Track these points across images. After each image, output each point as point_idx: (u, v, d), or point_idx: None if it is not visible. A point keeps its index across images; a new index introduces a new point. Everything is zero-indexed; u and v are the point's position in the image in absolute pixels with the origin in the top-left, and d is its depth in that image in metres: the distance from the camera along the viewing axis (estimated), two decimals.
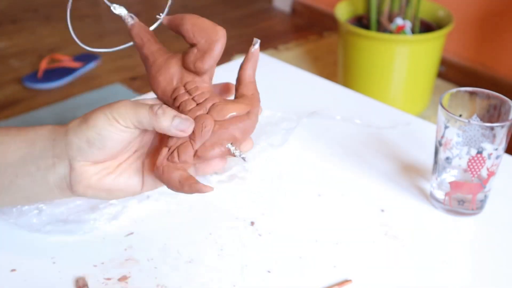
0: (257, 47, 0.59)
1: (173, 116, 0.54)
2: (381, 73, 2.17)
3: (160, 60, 0.59)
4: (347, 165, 0.82)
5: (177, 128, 0.54)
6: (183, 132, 0.54)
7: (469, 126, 0.68)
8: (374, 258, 0.67)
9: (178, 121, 0.54)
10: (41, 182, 0.57)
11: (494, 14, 2.34)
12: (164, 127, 0.54)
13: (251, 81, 0.59)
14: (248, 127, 0.57)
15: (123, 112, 0.54)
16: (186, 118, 0.54)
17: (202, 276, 0.63)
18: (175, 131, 0.54)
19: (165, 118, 0.54)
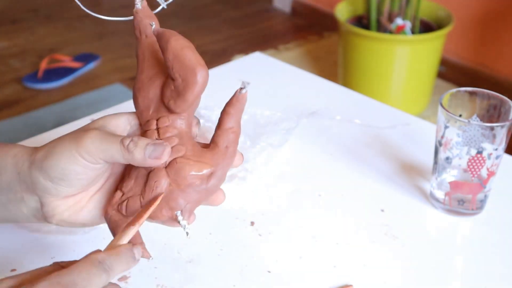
0: (243, 92, 0.51)
1: (145, 145, 0.50)
2: (381, 73, 2.17)
3: (145, 74, 0.54)
4: (347, 165, 0.82)
5: (151, 157, 0.49)
6: (158, 160, 0.49)
7: (469, 126, 0.68)
8: (374, 258, 0.67)
9: (151, 149, 0.49)
10: (16, 211, 0.54)
11: (494, 14, 2.34)
12: (139, 160, 0.50)
13: (231, 129, 0.52)
14: (206, 194, 0.51)
15: (90, 148, 0.50)
16: (159, 144, 0.50)
17: (202, 276, 0.63)
18: (151, 162, 0.49)
19: (138, 151, 0.49)
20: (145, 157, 0.49)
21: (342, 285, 0.63)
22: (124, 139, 0.50)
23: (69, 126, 0.87)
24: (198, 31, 2.94)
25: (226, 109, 0.52)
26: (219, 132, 0.52)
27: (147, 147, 0.49)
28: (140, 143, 0.50)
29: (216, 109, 0.83)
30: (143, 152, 0.49)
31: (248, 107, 0.87)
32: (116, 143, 0.50)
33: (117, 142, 0.50)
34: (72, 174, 0.50)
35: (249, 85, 0.51)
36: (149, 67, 0.54)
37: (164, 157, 0.50)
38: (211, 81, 1.03)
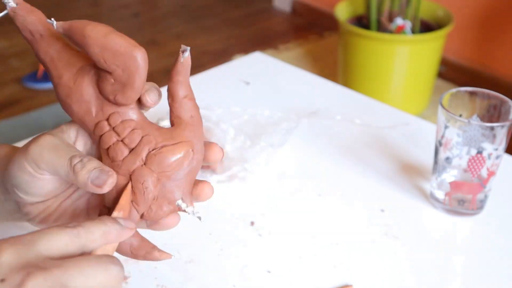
0: (187, 55, 0.47)
1: (92, 169, 0.45)
2: (381, 73, 2.17)
3: (66, 77, 0.47)
4: (347, 165, 0.82)
5: (93, 183, 0.45)
6: (99, 189, 0.45)
7: (469, 126, 0.68)
8: (374, 258, 0.67)
9: (95, 175, 0.45)
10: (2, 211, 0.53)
11: (494, 14, 2.34)
12: (81, 184, 0.45)
13: (187, 97, 0.48)
14: (195, 170, 0.48)
15: (36, 157, 0.46)
16: (105, 172, 0.45)
17: (202, 276, 0.63)
18: (92, 188, 0.45)
19: (83, 174, 0.45)
20: (87, 181, 0.45)
21: (342, 285, 0.63)
22: (74, 158, 0.46)
23: None
24: (198, 31, 2.94)
25: (174, 78, 0.48)
26: (177, 105, 0.48)
27: (92, 172, 0.45)
28: (88, 165, 0.45)
29: (216, 109, 0.83)
30: (87, 176, 0.45)
31: (248, 107, 0.88)
32: (64, 159, 0.46)
33: (66, 158, 0.46)
34: (23, 184, 0.47)
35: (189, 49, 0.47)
36: (66, 67, 0.48)
37: (106, 188, 0.45)
38: (211, 81, 1.03)
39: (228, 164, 0.78)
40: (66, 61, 0.48)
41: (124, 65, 0.45)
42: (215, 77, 1.04)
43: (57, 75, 0.48)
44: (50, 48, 0.48)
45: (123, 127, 0.47)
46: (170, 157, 0.47)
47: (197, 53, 2.71)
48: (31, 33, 0.47)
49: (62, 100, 0.48)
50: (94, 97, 0.47)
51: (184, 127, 0.48)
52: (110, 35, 0.44)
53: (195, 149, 0.48)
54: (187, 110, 0.48)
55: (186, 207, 0.48)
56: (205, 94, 0.97)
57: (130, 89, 0.46)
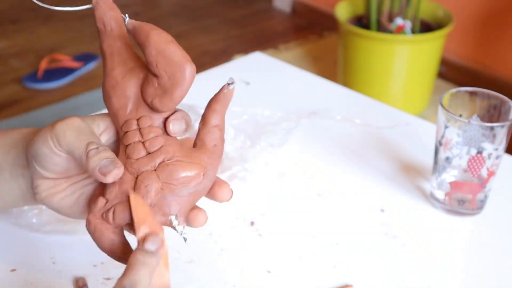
0: (231, 88, 0.49)
1: (103, 158, 0.47)
2: (381, 73, 2.17)
3: (117, 71, 0.50)
4: (347, 165, 0.82)
5: (100, 171, 0.47)
6: (103, 177, 0.47)
7: (469, 126, 0.68)
8: (374, 258, 0.67)
9: (103, 164, 0.47)
10: (16, 188, 0.55)
11: (494, 14, 2.34)
12: (89, 169, 0.47)
13: (217, 126, 0.50)
14: (198, 195, 0.49)
15: (59, 134, 0.49)
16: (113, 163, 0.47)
17: (202, 276, 0.63)
18: (98, 175, 0.47)
19: (93, 160, 0.47)
20: (95, 167, 0.47)
21: (342, 285, 0.63)
22: (91, 143, 0.48)
23: None
24: (198, 31, 2.94)
25: (212, 106, 0.49)
26: (205, 130, 0.50)
27: (103, 160, 0.47)
28: (101, 153, 0.48)
29: None
30: (97, 163, 0.47)
31: (248, 107, 0.88)
32: (83, 142, 0.48)
33: (84, 142, 0.48)
34: (41, 156, 0.50)
35: (235, 83, 0.49)
36: (121, 63, 0.50)
37: (109, 178, 0.47)
38: (211, 81, 1.03)
39: (228, 164, 0.78)
40: (123, 58, 0.50)
41: (172, 73, 0.47)
42: (215, 77, 1.03)
43: (110, 66, 0.50)
44: (114, 42, 0.51)
45: (149, 130, 0.49)
46: (180, 171, 0.48)
47: (197, 53, 2.71)
48: (103, 25, 0.51)
49: (106, 90, 0.50)
50: (135, 96, 0.50)
51: (204, 152, 0.49)
52: (171, 44, 0.47)
53: (206, 175, 0.49)
54: (213, 138, 0.50)
55: (177, 225, 0.48)
56: (205, 94, 0.96)
57: (169, 97, 0.48)
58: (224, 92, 0.49)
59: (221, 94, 0.49)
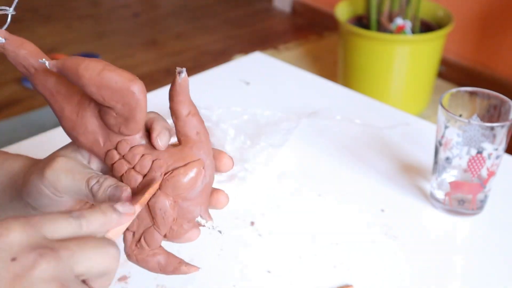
0: (183, 76, 0.47)
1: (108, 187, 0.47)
2: (381, 73, 2.17)
3: (68, 110, 0.47)
4: (347, 165, 0.82)
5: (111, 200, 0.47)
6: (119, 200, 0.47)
7: (469, 126, 0.68)
8: (374, 258, 0.67)
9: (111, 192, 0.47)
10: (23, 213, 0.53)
11: (494, 14, 2.34)
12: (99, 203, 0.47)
13: (190, 113, 0.48)
14: (209, 185, 0.49)
15: (53, 182, 0.47)
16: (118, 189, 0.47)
17: (202, 276, 0.63)
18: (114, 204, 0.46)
19: (100, 193, 0.47)
20: (105, 200, 0.47)
21: (342, 285, 0.63)
22: (91, 179, 0.47)
23: None
24: (198, 31, 2.94)
25: (175, 99, 0.47)
26: (181, 124, 0.48)
27: (108, 190, 0.47)
28: (104, 185, 0.47)
29: (216, 109, 0.83)
30: (104, 195, 0.47)
31: (248, 107, 0.88)
32: (82, 182, 0.47)
33: (83, 181, 0.47)
34: (43, 206, 0.49)
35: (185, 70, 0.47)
36: (66, 100, 0.47)
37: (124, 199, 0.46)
38: (211, 81, 1.03)
39: None
40: (65, 93, 0.47)
41: (123, 100, 0.45)
42: (215, 77, 1.04)
43: (58, 109, 0.48)
44: (46, 81, 0.47)
45: (132, 154, 0.48)
46: (182, 179, 0.47)
47: (197, 53, 2.71)
48: (25, 68, 0.47)
49: (68, 132, 0.48)
50: (99, 127, 0.48)
51: (192, 145, 0.48)
52: (104, 72, 0.44)
53: (205, 166, 0.49)
54: (192, 127, 0.48)
55: (206, 223, 0.49)
56: (205, 94, 0.97)
57: (133, 122, 0.46)
58: (178, 83, 0.47)
59: (176, 85, 0.47)
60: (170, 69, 2.48)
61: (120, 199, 0.46)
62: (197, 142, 0.48)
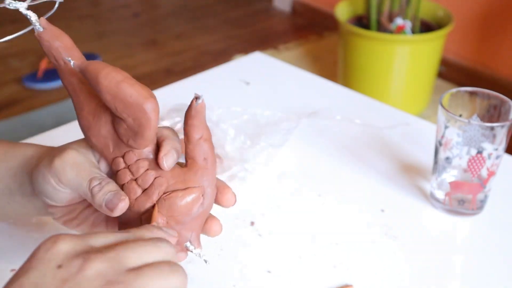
0: (200, 102, 0.48)
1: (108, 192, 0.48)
2: (381, 73, 2.17)
3: (86, 111, 0.48)
4: (347, 165, 0.82)
5: (107, 206, 0.48)
6: (111, 212, 0.48)
7: (469, 126, 0.68)
8: (374, 258, 0.67)
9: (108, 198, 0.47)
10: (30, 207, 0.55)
11: (494, 14, 2.34)
12: (96, 205, 0.48)
13: (202, 138, 0.48)
14: (205, 214, 0.50)
15: (59, 173, 0.48)
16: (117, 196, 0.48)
17: (202, 276, 0.63)
18: (105, 210, 0.48)
19: (99, 196, 0.48)
20: (102, 204, 0.48)
21: (342, 285, 0.63)
22: (93, 180, 0.48)
23: (69, 126, 0.87)
24: (198, 31, 2.94)
25: (189, 122, 0.48)
26: (191, 147, 0.48)
27: (107, 194, 0.48)
28: (104, 188, 0.48)
29: (216, 109, 0.83)
30: (102, 198, 0.48)
31: (248, 107, 0.88)
32: (85, 179, 0.48)
33: (86, 179, 0.48)
34: (45, 192, 0.50)
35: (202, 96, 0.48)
36: (86, 101, 0.48)
37: (116, 212, 0.47)
38: (211, 81, 1.03)
39: (228, 164, 0.78)
40: (86, 94, 0.48)
41: (134, 115, 0.45)
42: (215, 77, 1.04)
43: (79, 106, 0.48)
44: (72, 77, 0.48)
45: (137, 166, 0.48)
46: (179, 202, 0.48)
47: (197, 53, 2.71)
48: (55, 59, 0.48)
49: (84, 131, 0.49)
50: (111, 133, 0.48)
51: (196, 170, 0.49)
52: (122, 84, 0.45)
53: (205, 194, 0.49)
54: (201, 152, 0.48)
55: (194, 249, 0.49)
56: (205, 94, 0.96)
57: (141, 138, 0.47)
58: (195, 107, 0.48)
59: (192, 110, 0.48)
60: (170, 69, 2.48)
61: (116, 208, 0.47)
62: (202, 169, 0.49)
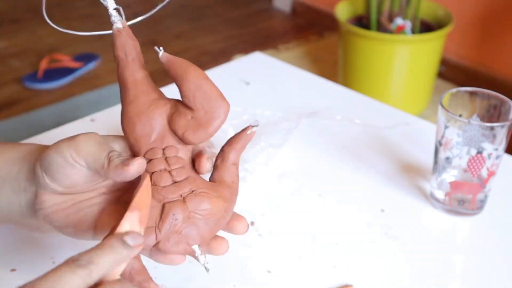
0: (254, 130, 0.52)
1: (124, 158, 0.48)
2: (381, 73, 2.17)
3: (142, 100, 0.51)
4: (347, 165, 0.82)
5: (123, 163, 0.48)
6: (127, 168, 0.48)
7: (469, 126, 0.68)
8: (374, 258, 0.67)
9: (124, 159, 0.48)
10: (16, 203, 0.54)
11: (494, 14, 2.34)
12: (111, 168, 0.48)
13: (235, 164, 0.52)
14: (219, 227, 0.51)
15: (80, 146, 0.49)
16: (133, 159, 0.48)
17: (202, 276, 0.63)
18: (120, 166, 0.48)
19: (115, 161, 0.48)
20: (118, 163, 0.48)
21: (342, 285, 0.63)
22: (113, 151, 0.49)
23: (69, 126, 0.87)
24: (198, 31, 2.94)
25: (234, 145, 0.51)
26: (225, 168, 0.51)
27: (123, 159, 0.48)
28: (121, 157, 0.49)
29: None
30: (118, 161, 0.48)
31: (248, 107, 0.88)
32: (105, 152, 0.49)
33: (105, 152, 0.49)
34: (54, 166, 0.50)
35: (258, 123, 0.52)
36: (144, 92, 0.51)
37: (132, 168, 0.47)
38: None
39: None
40: (146, 88, 0.51)
41: (209, 108, 0.49)
42: (215, 77, 1.03)
43: (134, 94, 0.51)
44: (136, 72, 0.52)
45: (175, 160, 0.50)
46: (207, 203, 0.49)
47: (197, 53, 2.71)
48: (125, 54, 0.52)
49: (130, 116, 0.51)
50: (161, 126, 0.51)
51: (225, 187, 0.51)
52: (208, 80, 0.50)
53: (228, 209, 0.51)
54: (232, 175, 0.51)
55: (199, 254, 0.50)
56: None
57: (204, 131, 0.50)
58: (247, 134, 0.51)
59: (243, 134, 0.51)
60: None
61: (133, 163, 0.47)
62: (230, 189, 0.51)
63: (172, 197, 0.49)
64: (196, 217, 0.49)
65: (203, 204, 0.49)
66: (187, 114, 0.50)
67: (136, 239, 0.44)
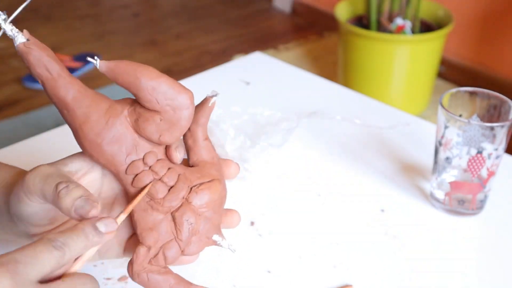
0: (214, 101, 0.49)
1: (77, 197, 0.44)
2: (381, 73, 2.17)
3: (95, 117, 0.46)
4: (347, 165, 0.82)
5: (77, 213, 0.44)
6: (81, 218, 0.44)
7: (469, 126, 0.68)
8: (374, 258, 0.67)
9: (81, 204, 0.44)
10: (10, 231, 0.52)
11: (494, 14, 2.34)
12: (64, 210, 0.45)
13: (206, 139, 0.50)
14: (221, 206, 0.51)
15: (29, 185, 0.46)
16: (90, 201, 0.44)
17: (202, 276, 0.63)
18: (75, 216, 0.44)
19: (67, 200, 0.44)
20: (71, 209, 0.44)
21: (342, 285, 0.63)
22: (60, 184, 0.45)
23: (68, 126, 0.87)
24: (198, 31, 2.94)
25: (199, 121, 0.49)
26: (198, 148, 0.50)
27: (78, 200, 0.44)
28: (73, 192, 0.45)
29: (216, 109, 0.83)
30: (71, 203, 0.44)
31: (248, 107, 0.88)
32: (52, 185, 0.45)
33: (53, 184, 0.45)
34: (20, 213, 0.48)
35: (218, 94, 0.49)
36: (92, 107, 0.46)
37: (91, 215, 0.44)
38: (211, 81, 1.03)
39: None
40: (91, 100, 0.47)
41: (175, 105, 0.46)
42: (215, 77, 1.04)
43: (83, 113, 0.46)
44: (70, 86, 0.47)
45: (160, 166, 0.48)
46: (208, 193, 0.49)
47: (197, 53, 2.71)
48: (48, 70, 0.46)
49: (90, 139, 0.46)
50: (127, 137, 0.47)
51: (210, 167, 0.50)
52: (163, 77, 0.46)
53: (223, 186, 0.50)
54: (208, 151, 0.50)
55: (222, 241, 0.50)
56: (205, 94, 0.96)
57: (179, 128, 0.47)
58: (208, 106, 0.49)
59: (206, 107, 0.49)
60: (170, 69, 2.48)
61: (87, 214, 0.44)
62: (214, 165, 0.50)
63: (176, 204, 0.48)
64: (203, 211, 0.49)
65: (204, 196, 0.49)
66: (155, 118, 0.46)
67: (108, 225, 0.44)
